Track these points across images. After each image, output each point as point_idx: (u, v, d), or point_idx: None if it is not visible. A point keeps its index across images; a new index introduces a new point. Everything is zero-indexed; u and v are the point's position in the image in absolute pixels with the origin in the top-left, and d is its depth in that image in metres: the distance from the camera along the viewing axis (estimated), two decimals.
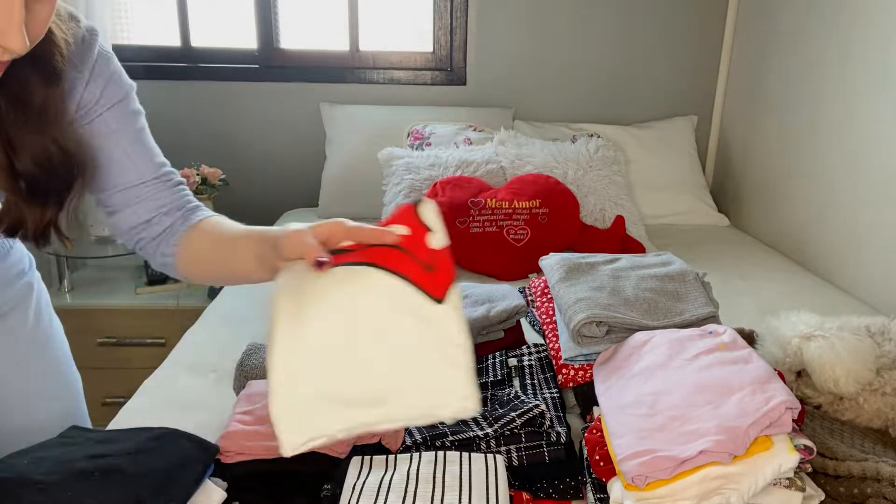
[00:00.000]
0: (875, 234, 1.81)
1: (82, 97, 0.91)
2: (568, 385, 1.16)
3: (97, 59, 0.92)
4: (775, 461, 0.83)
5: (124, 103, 0.97)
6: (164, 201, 0.99)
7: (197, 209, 1.03)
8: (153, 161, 0.99)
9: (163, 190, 0.99)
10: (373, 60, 2.63)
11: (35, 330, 1.09)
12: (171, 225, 1.00)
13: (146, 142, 1.00)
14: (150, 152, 0.99)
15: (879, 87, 1.80)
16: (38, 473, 0.79)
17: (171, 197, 1.00)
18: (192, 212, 1.02)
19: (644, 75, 2.67)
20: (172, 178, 1.02)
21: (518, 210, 1.96)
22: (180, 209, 1.01)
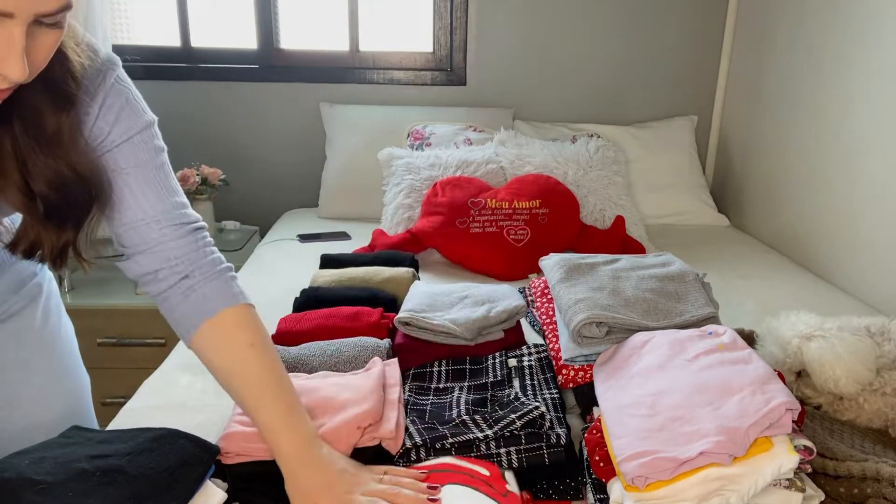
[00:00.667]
0: (875, 234, 1.81)
1: (92, 130, 0.89)
2: (568, 386, 1.16)
3: (110, 91, 0.90)
4: (775, 462, 0.83)
5: (137, 139, 0.92)
6: (174, 252, 0.92)
7: (225, 276, 0.95)
8: (163, 202, 0.92)
9: (172, 238, 0.92)
10: (373, 60, 2.63)
11: (43, 330, 1.09)
12: (178, 284, 0.93)
13: (159, 182, 0.92)
14: (161, 193, 0.92)
15: (879, 87, 1.80)
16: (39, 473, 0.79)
17: (183, 249, 0.93)
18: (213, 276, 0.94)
19: (644, 75, 2.67)
20: (187, 225, 0.94)
21: (518, 210, 1.96)
22: (196, 263, 0.93)
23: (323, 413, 1.00)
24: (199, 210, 2.44)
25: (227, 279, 0.95)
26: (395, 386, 1.10)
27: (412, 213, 2.06)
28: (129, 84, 0.93)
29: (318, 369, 1.17)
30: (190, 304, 0.93)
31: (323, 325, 1.32)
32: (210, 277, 0.94)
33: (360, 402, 1.01)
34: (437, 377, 1.20)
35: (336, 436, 0.95)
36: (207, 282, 0.93)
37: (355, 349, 1.21)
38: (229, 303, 0.93)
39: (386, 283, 1.55)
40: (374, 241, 2.01)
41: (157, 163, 0.94)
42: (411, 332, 1.28)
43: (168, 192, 0.93)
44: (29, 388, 1.07)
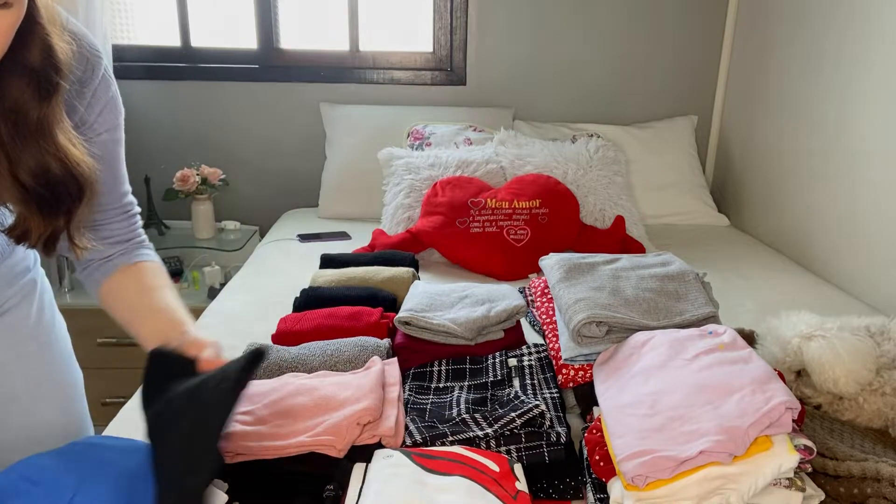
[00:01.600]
0: (875, 234, 1.81)
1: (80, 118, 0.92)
2: (568, 385, 1.16)
3: (100, 84, 0.93)
4: (775, 461, 0.83)
5: (112, 132, 0.98)
6: (113, 232, 1.02)
7: (139, 246, 1.06)
8: (118, 190, 1.02)
9: (118, 221, 1.03)
10: (373, 60, 2.64)
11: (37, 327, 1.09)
12: (108, 256, 1.02)
13: (120, 170, 1.02)
14: (116, 181, 1.02)
15: (879, 87, 1.80)
16: None
17: (122, 230, 1.03)
18: (135, 248, 1.05)
19: (644, 75, 2.67)
20: (129, 210, 1.05)
21: (518, 210, 1.96)
22: (125, 242, 1.04)
23: (323, 411, 1.01)
24: (199, 210, 2.44)
25: (143, 251, 1.06)
26: (395, 385, 1.10)
27: (412, 212, 2.06)
28: (112, 78, 0.98)
29: (318, 369, 1.17)
30: (107, 266, 1.03)
31: (323, 325, 1.32)
32: (131, 250, 1.04)
33: (360, 399, 1.01)
34: (437, 377, 1.20)
35: (336, 432, 0.95)
36: (127, 252, 1.04)
37: (355, 349, 1.21)
38: (138, 259, 1.04)
39: (386, 282, 1.55)
40: (374, 241, 2.01)
41: (120, 156, 1.02)
42: (411, 331, 1.28)
43: (121, 181, 1.03)
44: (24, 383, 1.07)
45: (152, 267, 1.06)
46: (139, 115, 2.58)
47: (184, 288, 2.35)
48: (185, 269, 2.45)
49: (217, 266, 2.39)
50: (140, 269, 1.04)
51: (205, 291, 2.34)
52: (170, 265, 2.42)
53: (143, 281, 1.03)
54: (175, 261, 2.45)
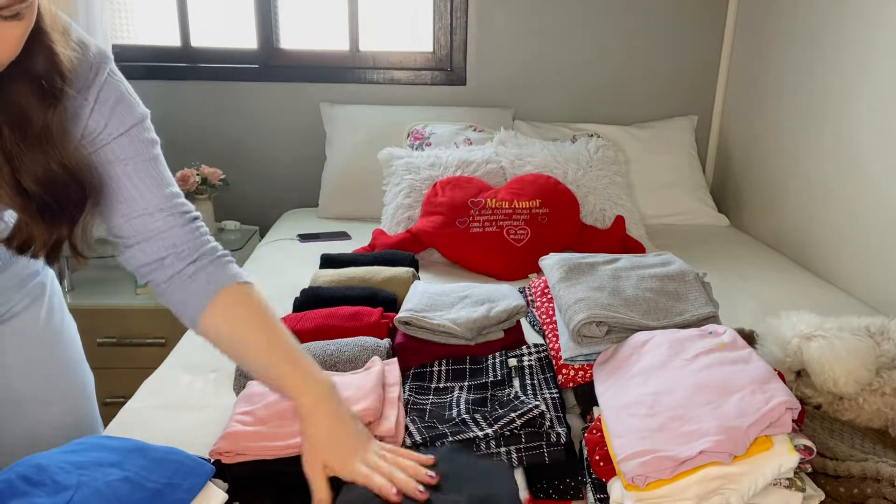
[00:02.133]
0: (875, 234, 1.81)
1: (87, 124, 0.89)
2: (568, 385, 1.16)
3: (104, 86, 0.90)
4: (775, 461, 0.83)
5: (134, 132, 0.93)
6: (177, 240, 0.93)
7: (223, 260, 0.97)
8: (162, 192, 0.94)
9: (175, 226, 0.94)
10: (373, 60, 2.63)
11: (46, 329, 1.09)
12: (185, 271, 0.94)
13: (157, 172, 0.94)
14: (160, 183, 0.94)
15: (879, 87, 1.80)
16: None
17: (186, 236, 0.94)
18: (218, 262, 0.96)
19: (644, 75, 2.67)
20: (186, 214, 0.96)
21: (518, 210, 1.96)
22: (197, 251, 0.95)
23: None
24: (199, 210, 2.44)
25: (226, 262, 0.97)
26: (395, 385, 1.10)
27: (412, 212, 2.06)
28: (121, 78, 0.93)
29: None
30: (195, 286, 0.94)
31: (323, 325, 1.32)
32: (212, 262, 0.95)
33: (360, 399, 1.01)
34: (437, 377, 1.20)
35: None
36: (210, 265, 0.95)
37: (355, 349, 1.21)
38: (231, 280, 0.95)
39: (386, 282, 1.55)
40: (374, 241, 2.01)
41: (153, 154, 0.95)
42: (411, 331, 1.28)
43: (165, 182, 0.95)
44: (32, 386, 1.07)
45: (251, 295, 0.96)
46: None
47: None
48: None
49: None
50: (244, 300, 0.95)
51: None
52: None
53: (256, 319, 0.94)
54: None
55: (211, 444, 0.99)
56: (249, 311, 0.95)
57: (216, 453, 0.96)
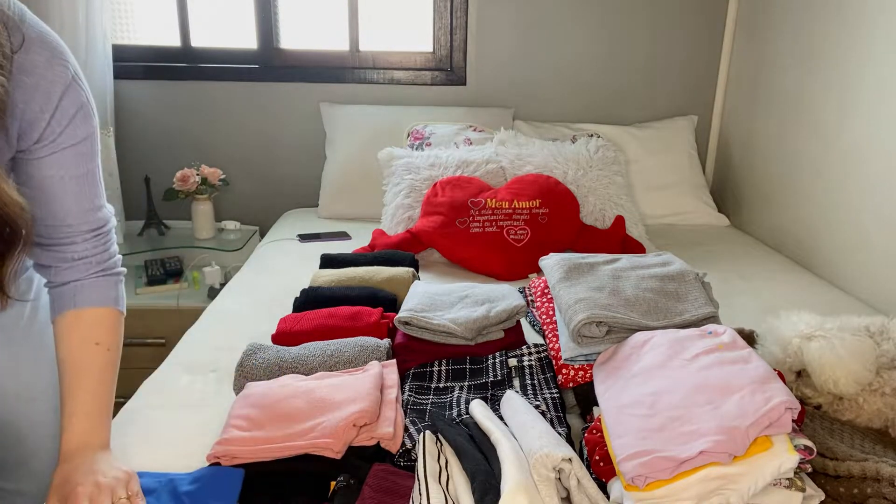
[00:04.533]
0: (875, 234, 1.81)
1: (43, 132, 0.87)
2: (568, 385, 1.16)
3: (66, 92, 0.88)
4: (775, 461, 0.83)
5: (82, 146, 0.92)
6: (81, 252, 0.96)
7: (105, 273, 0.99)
8: (86, 208, 0.95)
9: (86, 240, 0.96)
10: (373, 60, 2.63)
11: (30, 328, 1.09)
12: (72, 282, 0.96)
13: (89, 185, 0.95)
14: (88, 199, 0.95)
15: (879, 87, 1.80)
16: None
17: (86, 251, 0.97)
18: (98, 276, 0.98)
19: (644, 75, 2.67)
20: (101, 228, 0.98)
21: (518, 210, 1.96)
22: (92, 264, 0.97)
23: (320, 412, 1.01)
24: (199, 210, 2.44)
25: (111, 283, 0.99)
26: (393, 387, 1.10)
27: (412, 212, 2.06)
28: (83, 82, 0.91)
29: (318, 369, 1.17)
30: (67, 292, 0.97)
31: (323, 325, 1.32)
32: (96, 278, 0.98)
33: (357, 401, 1.01)
34: (437, 377, 1.20)
35: (333, 434, 0.95)
36: (92, 282, 0.97)
37: (355, 349, 1.21)
38: (99, 303, 0.97)
39: (386, 282, 1.55)
40: (374, 241, 2.01)
41: (90, 169, 0.95)
42: (411, 331, 1.28)
43: (92, 197, 0.96)
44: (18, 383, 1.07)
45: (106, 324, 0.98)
46: (139, 115, 2.58)
47: (184, 288, 2.35)
48: (185, 269, 2.45)
49: (217, 266, 2.39)
50: (91, 323, 0.97)
51: (205, 291, 2.34)
52: (170, 265, 2.42)
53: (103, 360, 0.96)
54: (175, 261, 2.45)
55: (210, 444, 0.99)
56: (91, 338, 0.96)
57: (213, 457, 0.96)
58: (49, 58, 0.86)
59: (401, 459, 0.97)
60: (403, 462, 0.97)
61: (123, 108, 2.56)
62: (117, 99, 2.52)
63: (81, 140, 0.92)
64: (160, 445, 1.08)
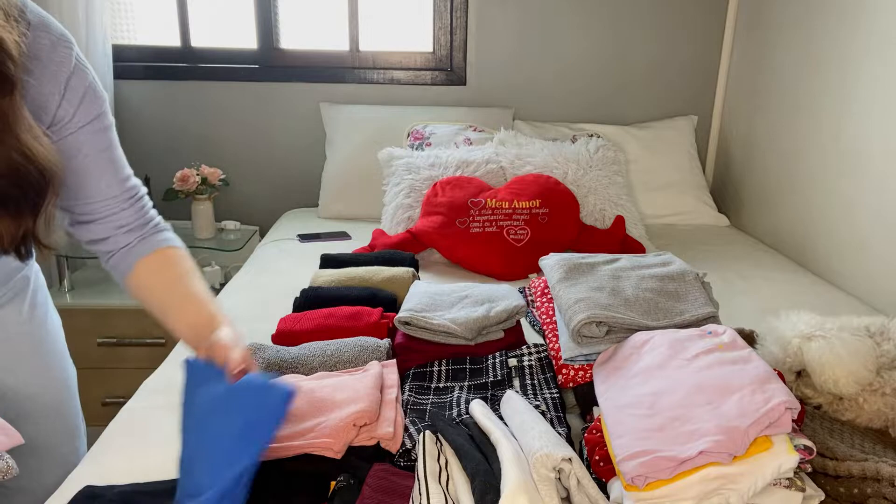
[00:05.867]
0: (875, 235, 1.81)
1: (56, 114, 0.90)
2: (568, 385, 1.16)
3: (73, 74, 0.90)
4: (775, 461, 0.83)
5: (97, 122, 0.96)
6: (124, 221, 1.01)
7: (156, 231, 1.05)
8: (118, 176, 1.00)
9: (125, 208, 1.01)
10: (373, 60, 2.63)
11: (29, 324, 1.09)
12: (126, 245, 1.02)
13: (115, 157, 1.00)
14: (117, 168, 1.00)
15: (879, 87, 1.80)
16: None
17: (133, 216, 1.02)
18: (151, 234, 1.04)
19: (644, 75, 2.67)
20: (135, 194, 1.03)
21: (518, 210, 1.96)
22: (140, 228, 1.03)
23: (320, 412, 1.01)
24: (199, 210, 2.44)
25: (158, 231, 1.05)
26: (393, 387, 1.10)
27: (412, 212, 2.06)
28: (87, 64, 0.95)
29: (317, 369, 1.17)
30: (129, 255, 1.02)
31: (323, 325, 1.32)
32: (147, 234, 1.04)
33: (357, 401, 1.01)
34: (437, 377, 1.20)
35: (332, 434, 0.95)
36: (144, 237, 1.03)
37: (355, 349, 1.21)
38: (157, 247, 1.03)
39: (386, 282, 1.55)
40: (374, 241, 2.01)
41: (110, 142, 0.99)
42: (411, 331, 1.28)
43: (120, 168, 1.01)
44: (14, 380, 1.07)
45: (174, 255, 1.05)
46: (139, 115, 2.58)
47: None
48: None
49: (217, 266, 2.39)
50: (162, 258, 1.03)
51: None
52: None
53: (167, 273, 1.03)
54: None
55: None
56: (168, 270, 1.03)
57: None
58: (53, 41, 0.89)
59: (401, 459, 0.97)
60: (403, 462, 0.97)
61: (123, 108, 2.56)
62: (117, 99, 2.52)
63: (95, 117, 0.95)
64: (160, 445, 1.08)
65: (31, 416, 1.09)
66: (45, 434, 1.11)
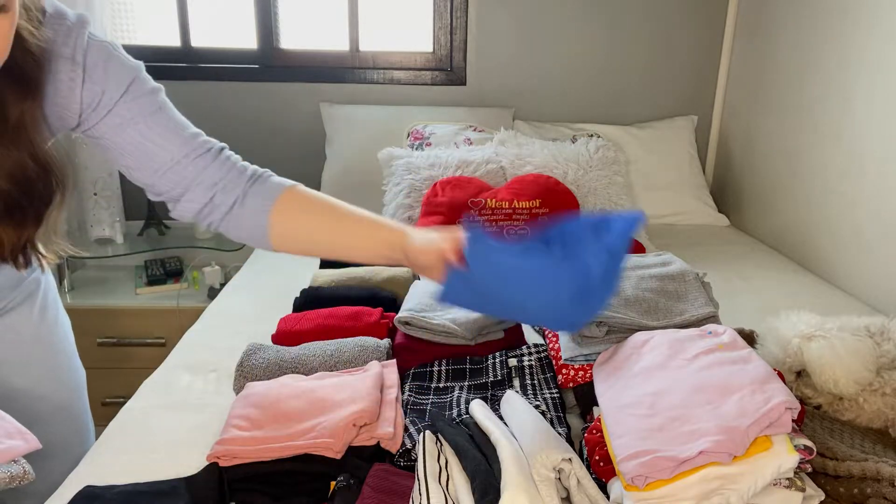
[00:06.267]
0: (875, 235, 1.81)
1: (83, 98, 0.87)
2: (568, 385, 1.16)
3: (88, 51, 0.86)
4: (775, 461, 0.83)
5: (133, 89, 0.90)
6: (215, 177, 0.93)
7: (264, 178, 0.97)
8: (182, 137, 0.92)
9: (207, 165, 0.93)
10: (373, 60, 2.63)
11: (40, 325, 1.09)
12: (237, 200, 0.94)
13: (168, 119, 0.93)
14: (176, 130, 0.92)
15: (879, 87, 1.80)
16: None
17: (222, 171, 0.94)
18: (259, 182, 0.96)
19: (644, 75, 2.67)
20: (212, 149, 0.95)
21: (518, 210, 1.96)
22: (244, 180, 0.95)
23: (320, 412, 1.01)
24: None
25: (267, 178, 0.98)
26: (393, 387, 1.10)
27: (412, 212, 2.06)
28: (103, 38, 0.90)
29: (318, 369, 1.17)
30: (250, 212, 0.94)
31: (323, 325, 1.32)
32: (254, 183, 0.96)
33: (357, 401, 1.01)
34: (437, 377, 1.20)
35: (332, 433, 0.95)
36: (254, 187, 0.95)
37: (355, 349, 1.21)
38: (276, 191, 0.96)
39: (386, 282, 1.55)
40: None
41: (159, 104, 0.93)
42: (411, 331, 1.28)
43: (181, 127, 0.94)
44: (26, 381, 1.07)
45: (303, 191, 0.97)
46: None
47: (184, 288, 2.35)
48: (185, 269, 2.45)
49: (217, 266, 2.39)
50: (295, 198, 0.96)
51: (205, 291, 2.34)
52: (170, 265, 2.42)
53: (314, 207, 0.95)
54: (175, 261, 2.45)
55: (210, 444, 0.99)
56: (308, 206, 0.95)
57: (213, 457, 0.96)
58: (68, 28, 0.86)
59: (401, 459, 0.97)
60: (403, 462, 0.97)
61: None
62: None
63: (130, 84, 0.90)
64: (160, 445, 1.08)
65: (43, 418, 1.09)
66: (56, 435, 1.11)
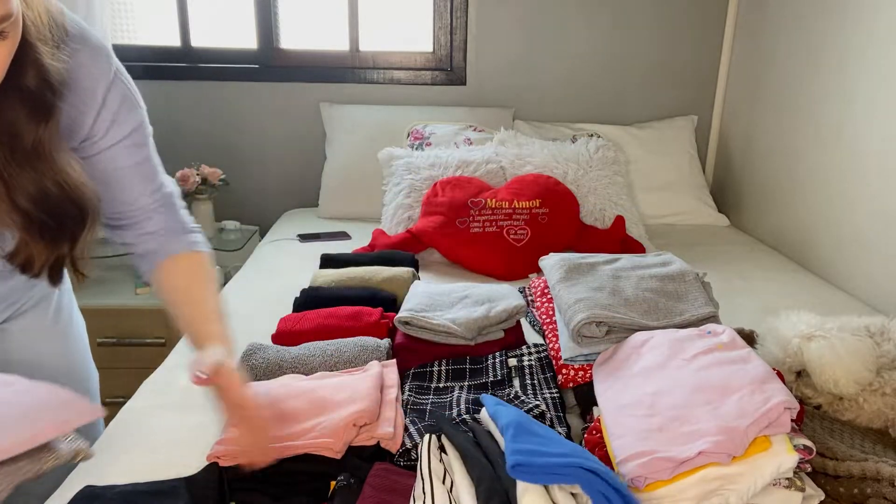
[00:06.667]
0: (875, 235, 1.81)
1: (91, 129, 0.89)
2: (568, 385, 1.16)
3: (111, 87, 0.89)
4: (774, 461, 0.83)
5: (133, 136, 0.95)
6: (152, 227, 1.00)
7: (183, 233, 1.03)
8: (150, 187, 0.99)
9: (157, 213, 1.00)
10: (373, 60, 2.63)
11: (54, 327, 1.10)
12: (154, 249, 1.01)
13: (148, 169, 0.99)
14: (148, 178, 0.99)
15: (879, 87, 1.80)
16: None
17: (163, 220, 1.01)
18: (177, 236, 1.02)
19: (644, 75, 2.67)
20: (167, 200, 1.02)
21: (518, 210, 1.96)
22: (167, 232, 1.01)
23: (320, 412, 1.01)
24: (199, 210, 2.44)
25: (190, 239, 1.04)
26: (393, 387, 1.10)
27: (412, 212, 2.06)
28: (125, 75, 0.94)
29: (318, 369, 1.17)
30: (155, 256, 1.01)
31: (323, 325, 1.32)
32: (177, 235, 1.02)
33: (357, 401, 1.01)
34: (437, 377, 1.20)
35: (333, 433, 0.95)
36: (171, 241, 1.02)
37: (355, 349, 1.21)
38: (187, 249, 1.02)
39: (386, 282, 1.55)
40: (374, 241, 2.01)
41: (147, 155, 0.98)
42: (411, 331, 1.28)
43: (154, 176, 1.00)
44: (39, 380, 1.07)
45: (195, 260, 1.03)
46: None
47: None
48: None
49: (217, 266, 2.39)
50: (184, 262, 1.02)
51: None
52: None
53: (183, 278, 1.01)
54: None
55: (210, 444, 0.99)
56: (186, 275, 1.01)
57: (213, 457, 0.96)
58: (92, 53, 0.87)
59: (401, 459, 0.97)
60: (403, 462, 0.97)
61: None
62: None
63: (131, 132, 0.94)
64: (160, 446, 1.08)
65: None
66: None
